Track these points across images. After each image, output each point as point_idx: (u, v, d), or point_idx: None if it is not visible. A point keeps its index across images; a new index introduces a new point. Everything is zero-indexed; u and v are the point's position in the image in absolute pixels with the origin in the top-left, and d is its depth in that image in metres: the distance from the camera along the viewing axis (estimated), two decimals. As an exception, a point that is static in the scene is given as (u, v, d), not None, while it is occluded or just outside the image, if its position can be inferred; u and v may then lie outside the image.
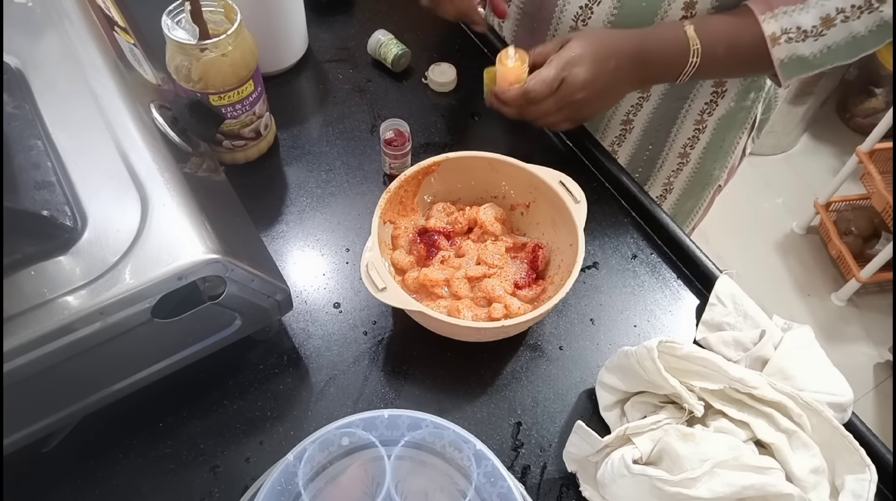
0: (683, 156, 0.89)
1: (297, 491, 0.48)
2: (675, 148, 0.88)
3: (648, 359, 0.54)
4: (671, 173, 0.92)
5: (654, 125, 0.85)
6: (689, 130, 0.86)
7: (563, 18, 0.77)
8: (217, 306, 0.53)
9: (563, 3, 0.76)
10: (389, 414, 0.51)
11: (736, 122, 0.86)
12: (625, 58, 0.67)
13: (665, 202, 0.96)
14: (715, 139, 0.87)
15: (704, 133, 0.86)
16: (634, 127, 0.86)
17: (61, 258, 0.46)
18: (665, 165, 0.91)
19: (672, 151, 0.89)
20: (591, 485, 0.55)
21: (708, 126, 0.85)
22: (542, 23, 0.81)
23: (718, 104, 0.83)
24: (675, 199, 0.96)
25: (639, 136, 0.87)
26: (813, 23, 0.64)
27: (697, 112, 0.83)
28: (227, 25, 0.68)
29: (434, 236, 0.67)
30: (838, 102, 2.45)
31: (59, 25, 0.60)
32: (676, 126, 0.85)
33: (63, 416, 0.51)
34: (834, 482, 0.54)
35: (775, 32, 0.66)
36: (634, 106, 0.83)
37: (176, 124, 0.58)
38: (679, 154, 0.89)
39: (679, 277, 0.71)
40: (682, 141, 0.87)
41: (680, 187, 0.94)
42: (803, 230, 2.16)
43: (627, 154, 0.90)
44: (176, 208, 0.50)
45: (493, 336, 0.62)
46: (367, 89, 0.87)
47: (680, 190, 0.94)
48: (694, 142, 0.87)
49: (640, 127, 0.86)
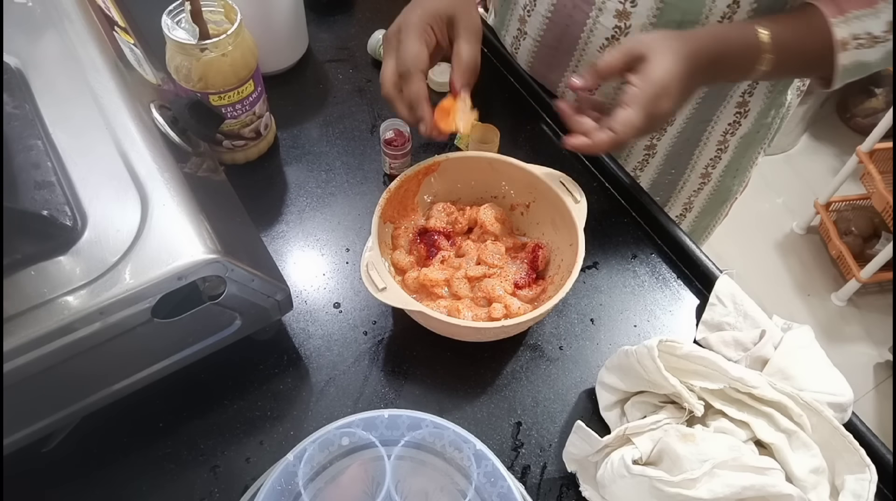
0: (705, 176, 0.88)
1: (297, 491, 0.48)
2: (698, 169, 0.87)
3: (649, 358, 0.54)
4: (692, 194, 0.91)
5: (677, 149, 0.84)
6: (712, 151, 0.84)
7: (589, 47, 0.74)
8: (217, 306, 0.53)
9: (589, 31, 0.72)
10: (389, 414, 0.51)
11: (756, 139, 0.85)
12: (702, 75, 0.61)
13: (684, 221, 0.95)
14: (736, 157, 0.86)
15: (727, 153, 0.85)
16: (657, 152, 0.85)
17: (61, 258, 0.46)
18: (686, 185, 0.89)
19: (694, 173, 0.87)
20: (591, 485, 0.55)
21: (730, 146, 0.84)
22: (563, 54, 0.78)
23: (741, 124, 0.81)
24: (694, 217, 0.95)
25: (661, 160, 0.86)
26: (883, 28, 0.62)
27: (720, 133, 0.82)
28: (227, 25, 0.68)
29: (434, 236, 0.67)
30: (838, 102, 2.45)
31: (59, 25, 0.60)
32: (699, 148, 0.84)
33: (63, 416, 0.51)
34: (834, 482, 0.54)
35: (846, 38, 0.63)
36: (659, 131, 0.82)
37: (176, 124, 0.58)
38: (701, 175, 0.88)
39: (679, 277, 0.71)
40: (705, 162, 0.86)
41: (699, 206, 0.93)
42: (803, 230, 2.16)
43: (650, 178, 0.89)
44: (176, 208, 0.50)
45: (493, 336, 0.62)
46: (367, 89, 0.87)
47: (699, 208, 0.94)
48: (716, 162, 0.86)
49: (662, 151, 0.85)
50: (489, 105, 0.86)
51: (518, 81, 0.87)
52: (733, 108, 0.79)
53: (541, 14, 0.77)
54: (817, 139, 2.44)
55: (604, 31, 0.71)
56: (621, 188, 0.77)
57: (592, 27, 0.72)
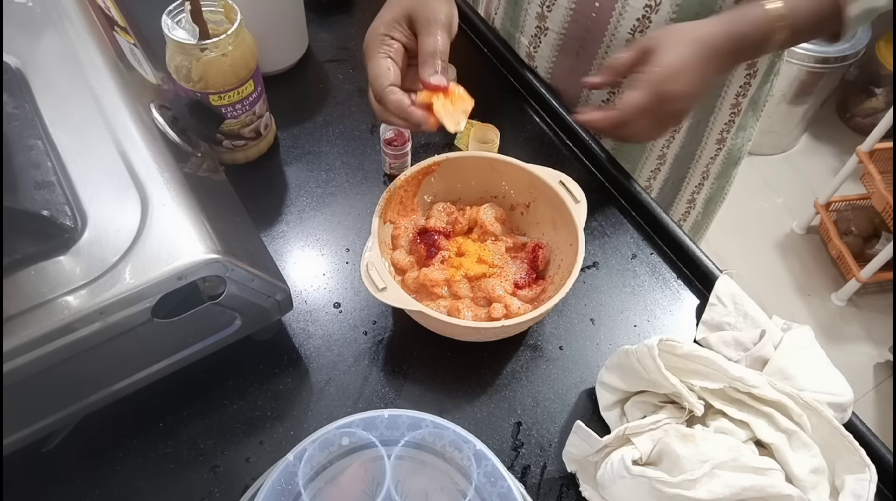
0: (721, 142, 0.89)
1: (297, 491, 0.48)
2: (713, 135, 0.88)
3: (649, 357, 0.54)
4: (709, 161, 0.92)
5: (683, 152, 0.86)
6: (726, 115, 0.86)
7: (618, 34, 0.74)
8: (217, 306, 0.53)
9: (618, 18, 0.72)
10: (389, 414, 0.51)
11: (761, 96, 0.87)
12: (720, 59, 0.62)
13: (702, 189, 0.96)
14: (745, 117, 0.88)
15: (739, 115, 0.87)
16: (667, 159, 0.86)
17: (61, 258, 0.46)
18: (703, 154, 0.91)
19: (710, 139, 0.89)
20: (590, 485, 0.55)
21: (742, 107, 0.86)
22: (591, 44, 0.77)
23: (751, 85, 0.83)
24: (711, 183, 0.96)
25: (670, 165, 0.88)
26: None
27: (733, 96, 0.84)
28: (227, 25, 0.68)
29: (434, 236, 0.67)
30: (838, 102, 2.45)
31: (59, 25, 0.60)
32: (714, 114, 0.85)
33: (63, 416, 0.51)
34: (834, 482, 0.54)
35: None
36: (668, 139, 0.83)
37: (176, 124, 0.58)
38: (717, 141, 0.89)
39: (679, 277, 0.71)
40: (720, 127, 0.87)
41: (715, 171, 0.95)
42: (803, 230, 2.16)
43: (660, 186, 0.91)
44: (176, 207, 0.50)
45: (493, 336, 0.62)
46: (367, 89, 0.86)
47: (715, 174, 0.95)
48: (730, 126, 0.88)
49: (671, 157, 0.86)
50: (489, 105, 0.86)
51: (518, 80, 0.87)
52: (743, 70, 0.80)
53: (563, 7, 0.76)
54: (817, 139, 2.44)
55: (634, 13, 0.72)
56: (621, 188, 0.77)
57: (621, 12, 0.72)
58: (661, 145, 0.87)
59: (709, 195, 0.98)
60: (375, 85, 0.60)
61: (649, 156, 0.88)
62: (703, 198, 0.98)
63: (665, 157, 0.89)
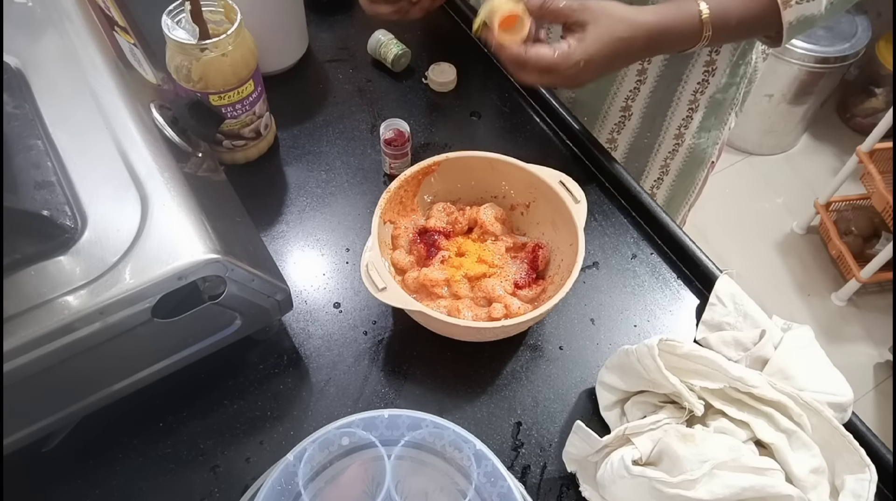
0: (679, 137, 0.90)
1: (297, 491, 0.48)
2: (671, 130, 0.89)
3: (649, 357, 0.54)
4: (667, 155, 0.93)
5: (651, 110, 0.86)
6: (684, 110, 0.87)
7: None
8: (217, 306, 0.53)
9: None
10: (389, 414, 0.51)
11: (726, 98, 0.88)
12: (639, 47, 0.65)
13: (662, 185, 0.97)
14: (707, 117, 0.89)
15: (697, 112, 0.87)
16: (633, 113, 0.87)
17: (61, 258, 0.46)
18: (661, 148, 0.92)
19: (668, 134, 0.90)
20: (590, 485, 0.55)
21: (700, 105, 0.87)
22: None
23: (710, 83, 0.84)
24: (672, 181, 0.97)
25: (637, 122, 0.88)
26: None
27: (690, 92, 0.85)
28: (227, 25, 0.68)
29: (434, 236, 0.67)
30: (838, 102, 2.44)
31: (59, 25, 0.60)
32: (671, 108, 0.86)
33: (63, 416, 0.51)
34: (834, 482, 0.54)
35: None
36: (632, 91, 0.84)
37: (176, 124, 0.58)
38: (675, 136, 0.90)
39: (679, 277, 0.71)
40: (678, 122, 0.88)
41: (676, 169, 0.95)
42: (803, 230, 2.16)
43: (627, 142, 0.91)
44: (176, 207, 0.50)
45: (493, 336, 0.62)
46: (367, 89, 0.87)
47: (676, 171, 0.96)
48: (688, 122, 0.88)
49: (638, 113, 0.87)
50: (489, 104, 0.86)
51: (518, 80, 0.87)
52: (701, 66, 0.82)
53: None
54: (817, 139, 2.43)
55: None
56: (621, 188, 0.77)
57: None
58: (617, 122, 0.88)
59: (670, 194, 0.99)
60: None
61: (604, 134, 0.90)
62: (663, 195, 0.99)
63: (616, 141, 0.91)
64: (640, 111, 0.87)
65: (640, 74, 0.82)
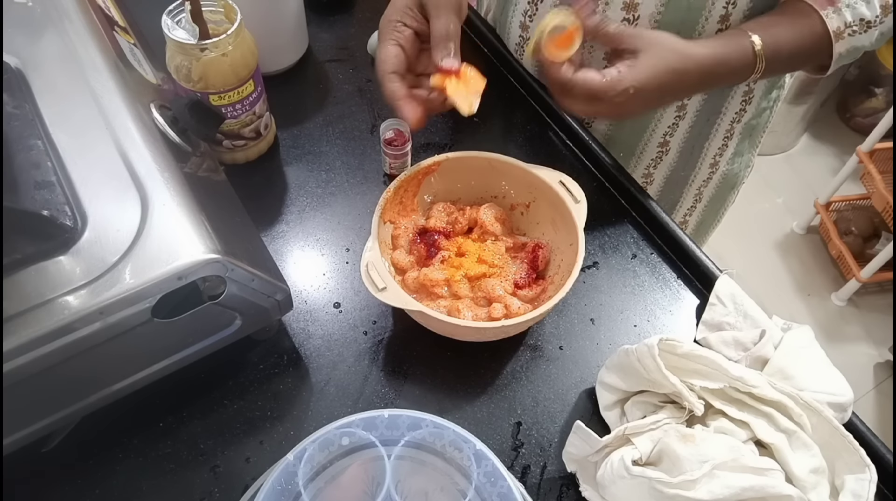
0: (714, 166, 0.88)
1: (297, 491, 0.48)
2: (707, 160, 0.87)
3: (649, 357, 0.54)
4: (702, 184, 0.91)
5: (689, 144, 0.84)
6: (720, 140, 0.85)
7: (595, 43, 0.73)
8: (217, 306, 0.53)
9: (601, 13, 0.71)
10: (389, 414, 0.51)
11: (760, 123, 0.86)
12: (692, 80, 0.62)
13: (694, 212, 0.96)
14: (741, 142, 0.87)
15: (732, 140, 0.86)
16: (671, 148, 0.85)
17: (61, 258, 0.46)
18: (697, 178, 0.90)
19: (704, 164, 0.88)
20: (590, 485, 0.55)
21: (735, 132, 0.85)
22: None
23: (746, 111, 0.82)
24: (704, 206, 0.95)
25: (675, 156, 0.86)
26: (876, 13, 0.64)
27: (728, 122, 0.83)
28: (227, 25, 0.68)
29: (434, 236, 0.67)
30: (838, 102, 2.45)
31: (59, 25, 0.60)
32: (709, 140, 0.84)
33: (63, 416, 0.51)
34: (834, 482, 0.54)
35: (840, 27, 0.64)
36: (671, 127, 0.82)
37: (176, 124, 0.58)
38: (710, 165, 0.88)
39: (679, 277, 0.71)
40: (714, 152, 0.86)
41: (708, 196, 0.94)
42: (803, 230, 2.16)
43: (663, 176, 0.89)
44: (176, 207, 0.50)
45: (493, 336, 0.62)
46: (367, 89, 0.87)
47: (708, 198, 0.94)
48: (724, 150, 0.86)
49: (675, 148, 0.85)
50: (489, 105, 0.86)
51: (518, 80, 0.87)
52: (740, 97, 0.80)
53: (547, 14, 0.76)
54: (817, 139, 2.44)
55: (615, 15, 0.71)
56: (621, 188, 0.77)
57: None
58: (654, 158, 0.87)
59: (700, 218, 0.97)
60: (379, 70, 0.61)
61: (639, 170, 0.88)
62: (694, 221, 0.97)
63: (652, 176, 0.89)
64: (677, 146, 0.84)
65: (679, 110, 0.80)
